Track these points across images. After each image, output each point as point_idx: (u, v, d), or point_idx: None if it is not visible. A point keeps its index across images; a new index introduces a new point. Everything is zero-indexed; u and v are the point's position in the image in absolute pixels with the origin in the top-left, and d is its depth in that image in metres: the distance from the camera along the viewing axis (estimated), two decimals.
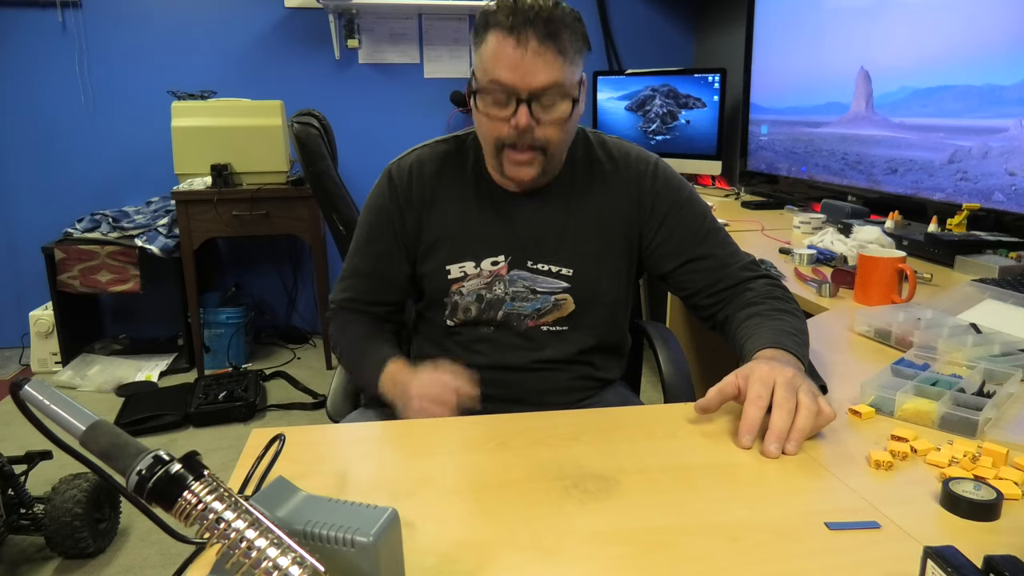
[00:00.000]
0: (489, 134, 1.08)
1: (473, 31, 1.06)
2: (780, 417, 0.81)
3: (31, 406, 0.55)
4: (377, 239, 1.19)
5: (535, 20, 0.99)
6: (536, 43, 1.00)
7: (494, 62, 1.02)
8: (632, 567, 0.62)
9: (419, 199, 1.17)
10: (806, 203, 2.52)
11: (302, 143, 1.77)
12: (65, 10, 3.16)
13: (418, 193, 1.17)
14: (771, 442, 0.80)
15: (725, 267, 1.15)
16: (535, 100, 1.03)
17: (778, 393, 0.83)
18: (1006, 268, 1.52)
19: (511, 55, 1.00)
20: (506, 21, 1.00)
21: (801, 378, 0.86)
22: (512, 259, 1.15)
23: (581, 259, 1.16)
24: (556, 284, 1.16)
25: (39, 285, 3.17)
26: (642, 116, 3.30)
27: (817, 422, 0.83)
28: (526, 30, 0.99)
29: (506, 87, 1.02)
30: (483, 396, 1.08)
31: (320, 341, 3.42)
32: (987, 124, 1.80)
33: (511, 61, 1.00)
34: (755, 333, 1.01)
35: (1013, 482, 0.73)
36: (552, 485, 0.76)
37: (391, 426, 0.95)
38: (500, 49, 1.01)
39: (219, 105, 2.96)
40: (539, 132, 1.05)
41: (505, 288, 1.16)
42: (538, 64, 1.00)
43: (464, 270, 1.16)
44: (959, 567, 0.52)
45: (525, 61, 1.00)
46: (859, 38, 2.27)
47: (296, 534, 0.54)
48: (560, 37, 1.01)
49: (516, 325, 1.17)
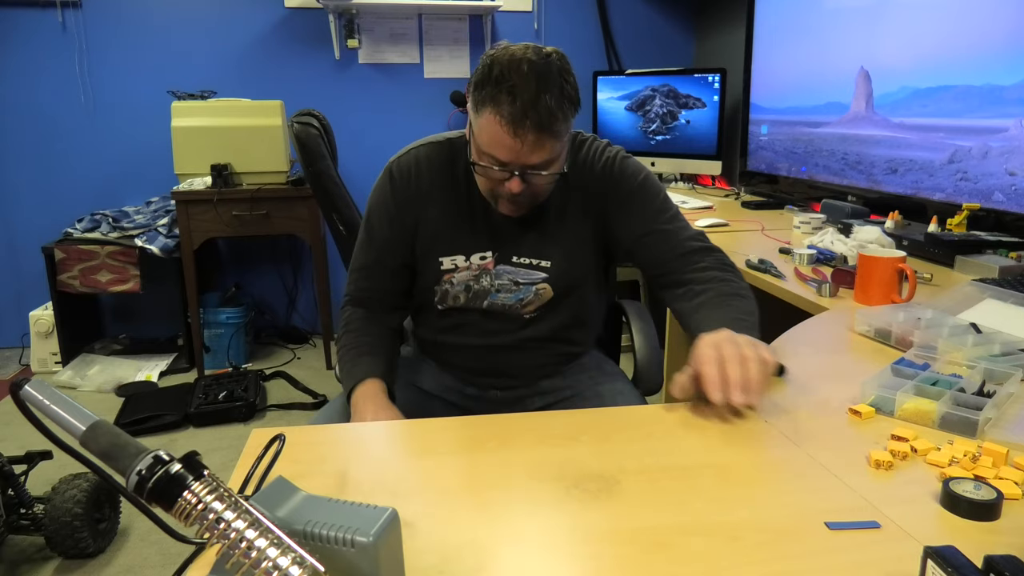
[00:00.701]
0: (484, 187, 1.16)
1: (472, 87, 1.08)
2: (732, 369, 0.89)
3: (31, 406, 0.55)
4: (380, 232, 1.26)
5: (532, 114, 1.02)
6: (533, 136, 1.04)
7: (490, 144, 1.07)
8: (632, 567, 0.62)
9: (416, 196, 1.24)
10: (806, 203, 2.52)
11: (302, 143, 1.77)
12: (65, 10, 3.16)
13: (415, 191, 1.24)
14: (734, 391, 0.88)
15: (676, 237, 1.24)
16: (528, 170, 1.09)
17: (725, 350, 0.91)
18: (1006, 268, 1.52)
19: (508, 143, 1.05)
20: (504, 111, 1.03)
21: (740, 336, 0.95)
22: (499, 255, 1.25)
23: (558, 251, 1.25)
24: (536, 275, 1.25)
25: (39, 285, 3.17)
26: (642, 116, 3.30)
27: (764, 371, 0.91)
28: (524, 123, 1.03)
29: (501, 163, 1.08)
30: (473, 370, 1.31)
31: (320, 341, 3.42)
32: (987, 124, 1.80)
33: (507, 148, 1.06)
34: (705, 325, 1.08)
35: (1013, 482, 0.73)
36: (552, 485, 0.76)
37: (391, 426, 0.95)
38: (497, 135, 1.05)
39: (219, 105, 2.96)
40: (531, 190, 1.13)
41: (491, 281, 1.26)
42: (534, 150, 1.06)
43: (455, 263, 1.25)
44: (959, 567, 0.52)
45: (522, 150, 1.05)
46: (859, 38, 2.27)
47: (296, 534, 0.54)
48: (555, 126, 1.05)
49: (501, 312, 1.27)
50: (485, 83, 1.05)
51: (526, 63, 1.03)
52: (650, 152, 3.29)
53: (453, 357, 1.34)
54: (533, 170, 1.09)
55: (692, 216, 2.35)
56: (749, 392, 0.88)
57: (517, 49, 1.06)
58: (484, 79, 1.05)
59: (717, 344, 0.93)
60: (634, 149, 3.34)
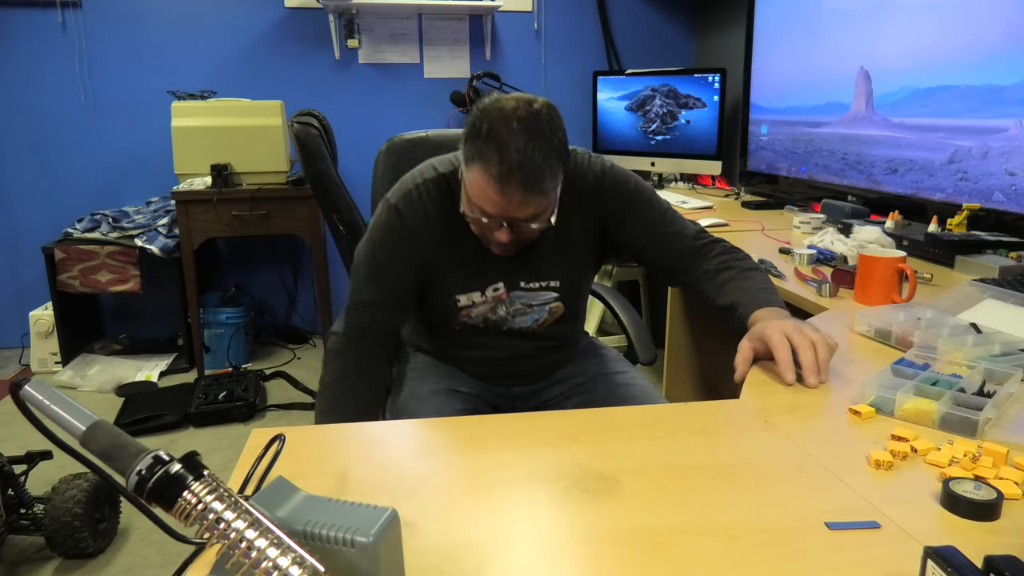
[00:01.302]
0: (475, 231, 1.20)
1: (463, 140, 1.09)
2: (807, 355, 1.00)
3: (31, 406, 0.55)
4: (388, 268, 1.24)
5: (518, 173, 1.04)
6: (520, 195, 1.06)
7: (479, 197, 1.09)
8: (632, 567, 0.62)
9: (425, 232, 1.23)
10: (806, 203, 2.52)
11: (302, 143, 1.77)
12: (65, 10, 3.16)
13: (424, 227, 1.23)
14: (810, 375, 0.99)
15: (682, 239, 1.30)
16: (517, 221, 1.12)
17: (795, 338, 1.01)
18: (1006, 268, 1.52)
19: (496, 199, 1.07)
20: (492, 169, 1.04)
21: (801, 322, 1.05)
22: (508, 284, 1.28)
23: (564, 268, 1.30)
24: (548, 296, 1.31)
25: (39, 285, 3.17)
26: (642, 116, 3.30)
27: (830, 354, 1.02)
28: (511, 182, 1.04)
29: (489, 215, 1.11)
30: (490, 376, 1.38)
31: (320, 341, 3.42)
32: (987, 124, 1.80)
33: (494, 203, 1.08)
34: (739, 294, 1.19)
35: (1013, 482, 0.73)
36: (552, 485, 0.76)
37: (391, 426, 0.95)
38: (485, 190, 1.07)
39: (219, 105, 2.96)
40: (519, 237, 1.16)
41: (507, 309, 1.30)
42: (521, 207, 1.08)
43: (472, 299, 1.28)
44: (959, 567, 0.52)
45: (509, 205, 1.08)
46: (859, 38, 2.27)
47: (296, 534, 0.54)
48: (543, 183, 1.07)
49: (518, 333, 1.33)
50: (475, 137, 1.06)
51: (515, 119, 1.04)
52: (650, 152, 3.29)
53: (469, 366, 1.38)
54: (521, 222, 1.12)
55: (692, 216, 2.35)
56: (821, 373, 0.99)
57: (507, 103, 1.07)
58: (474, 133, 1.06)
59: (785, 330, 1.02)
60: (634, 149, 3.34)
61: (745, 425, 0.90)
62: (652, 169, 3.29)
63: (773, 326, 1.04)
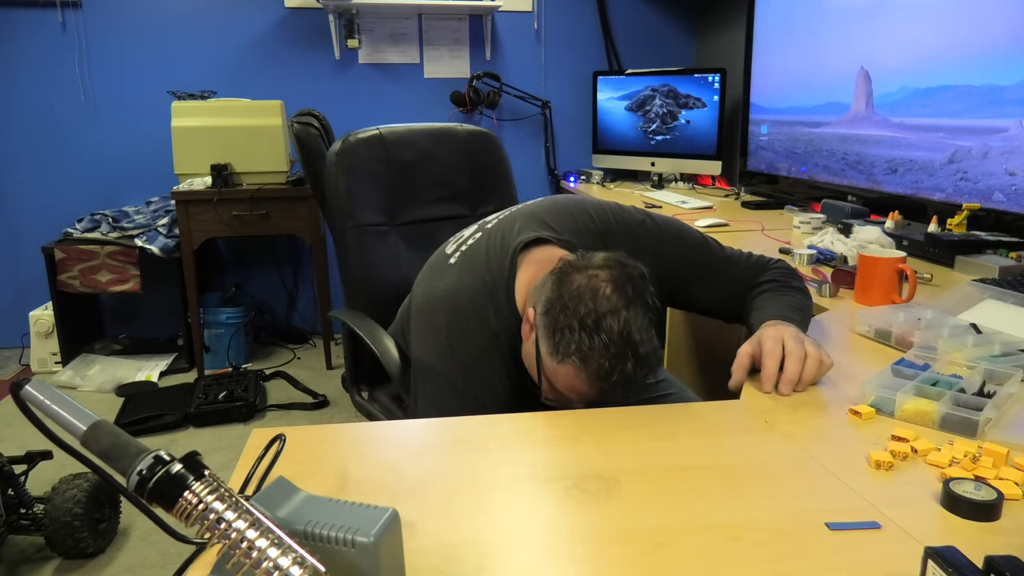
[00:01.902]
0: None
1: (549, 322, 0.97)
2: (792, 364, 0.96)
3: (31, 406, 0.55)
4: (468, 360, 1.13)
5: (621, 379, 0.95)
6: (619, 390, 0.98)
7: (569, 390, 0.99)
8: (632, 567, 0.62)
9: (483, 335, 1.13)
10: (806, 203, 2.52)
11: (302, 143, 1.77)
12: (65, 10, 3.16)
13: (483, 330, 1.13)
14: (785, 384, 0.95)
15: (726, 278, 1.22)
16: None
17: (788, 344, 0.97)
18: (1006, 268, 1.52)
19: (589, 395, 0.98)
20: (592, 373, 0.95)
21: (804, 334, 1.01)
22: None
23: None
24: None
25: (39, 285, 3.17)
26: (642, 116, 3.30)
27: (819, 370, 0.97)
28: (610, 380, 0.95)
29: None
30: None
31: (320, 341, 3.42)
32: (987, 124, 1.80)
33: (587, 397, 0.99)
34: (763, 307, 1.12)
35: (1013, 482, 0.73)
36: (552, 485, 0.76)
37: (391, 426, 0.95)
38: (579, 388, 0.98)
39: (219, 105, 2.96)
40: None
41: None
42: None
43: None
44: (959, 567, 0.52)
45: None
46: (859, 38, 2.27)
47: (296, 534, 0.54)
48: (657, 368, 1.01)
49: None
50: (571, 329, 0.93)
51: (622, 316, 0.94)
52: (650, 152, 3.29)
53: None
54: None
55: (692, 216, 2.35)
56: (797, 387, 0.96)
57: (603, 286, 0.96)
58: (568, 324, 0.94)
59: (782, 338, 0.98)
60: (634, 149, 3.34)
61: (745, 426, 0.90)
62: (652, 169, 3.29)
63: (771, 332, 1.00)
